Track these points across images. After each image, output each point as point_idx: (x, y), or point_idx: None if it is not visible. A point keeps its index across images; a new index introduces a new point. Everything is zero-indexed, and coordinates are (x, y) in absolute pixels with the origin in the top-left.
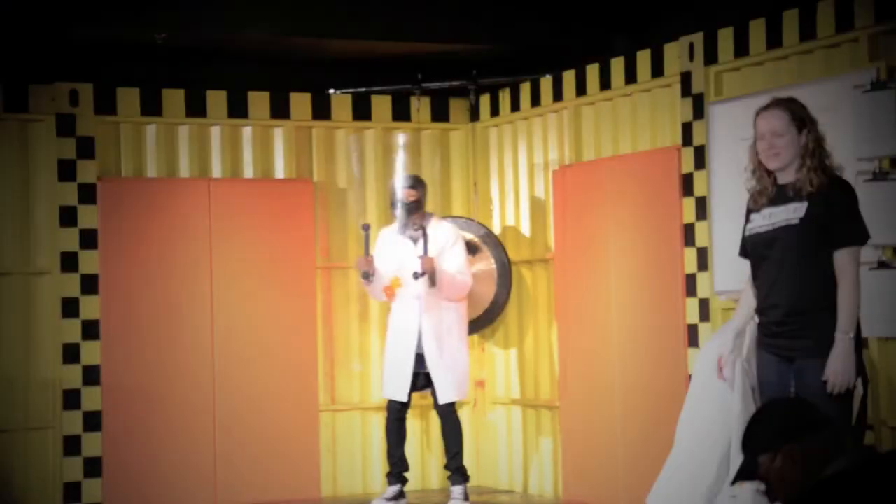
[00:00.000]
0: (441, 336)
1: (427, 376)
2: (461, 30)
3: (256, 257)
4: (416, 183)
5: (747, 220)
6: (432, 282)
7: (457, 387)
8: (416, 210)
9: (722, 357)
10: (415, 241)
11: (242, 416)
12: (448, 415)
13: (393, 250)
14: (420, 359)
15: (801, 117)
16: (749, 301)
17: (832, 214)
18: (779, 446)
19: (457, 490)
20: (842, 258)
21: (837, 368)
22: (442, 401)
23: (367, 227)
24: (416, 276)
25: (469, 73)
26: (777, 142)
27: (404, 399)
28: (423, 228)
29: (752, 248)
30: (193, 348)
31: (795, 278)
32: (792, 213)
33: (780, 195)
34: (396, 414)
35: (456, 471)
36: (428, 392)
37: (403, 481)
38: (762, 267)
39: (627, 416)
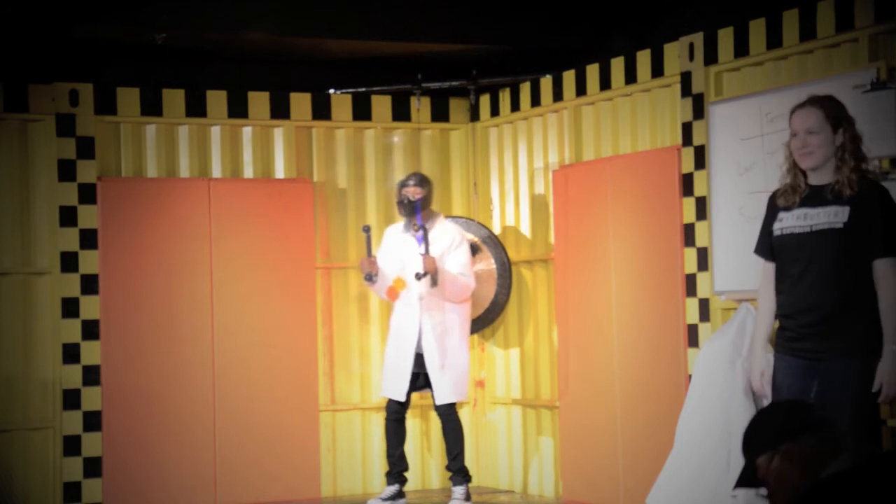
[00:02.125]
0: (441, 337)
1: (427, 377)
2: (461, 30)
3: (256, 257)
4: (423, 181)
5: (775, 218)
6: (434, 282)
7: (455, 388)
8: (421, 209)
9: (765, 372)
10: (419, 240)
11: (242, 416)
12: (448, 416)
13: (397, 249)
14: (420, 359)
15: (836, 115)
16: (770, 305)
17: (873, 222)
18: (775, 447)
19: (458, 490)
20: (882, 267)
21: (891, 380)
22: (439, 402)
23: (367, 229)
24: (418, 276)
25: (469, 73)
26: (810, 140)
27: (402, 398)
28: (425, 228)
29: (781, 247)
30: (193, 348)
31: (836, 282)
32: (834, 216)
33: (816, 196)
34: (395, 415)
35: (457, 472)
36: (428, 392)
37: (402, 481)
38: (794, 268)
39: (627, 416)
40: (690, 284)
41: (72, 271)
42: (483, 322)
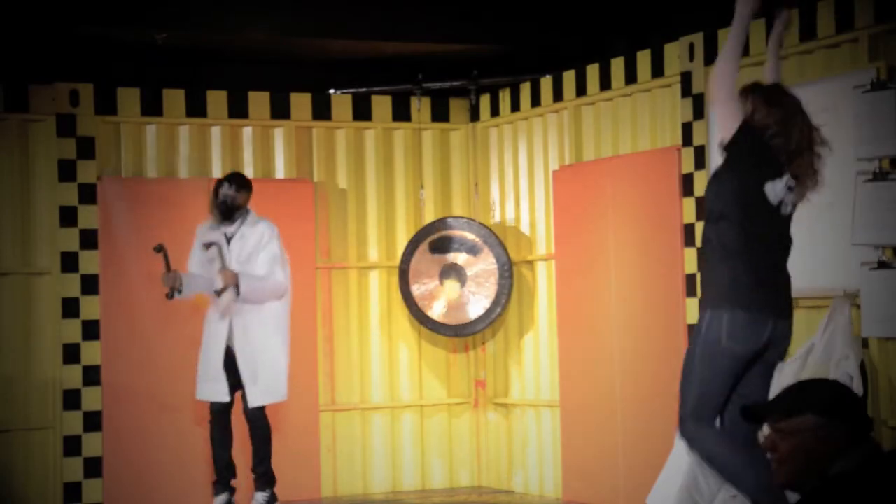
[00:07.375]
0: (255, 337)
1: (238, 378)
2: (461, 30)
3: None
4: (242, 185)
5: None
6: (237, 291)
7: (270, 390)
8: (236, 211)
9: None
10: (229, 238)
11: (242, 416)
12: (257, 420)
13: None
14: (231, 360)
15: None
16: None
17: None
18: (803, 411)
19: (260, 496)
20: None
21: None
22: (252, 405)
23: (160, 248)
24: (217, 293)
25: (469, 73)
26: None
27: (226, 399)
28: (226, 240)
29: None
30: (193, 348)
31: None
32: None
33: None
34: (219, 416)
35: (262, 475)
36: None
37: (231, 490)
38: None
39: (627, 417)
40: (690, 284)
41: (72, 271)
42: (483, 322)
